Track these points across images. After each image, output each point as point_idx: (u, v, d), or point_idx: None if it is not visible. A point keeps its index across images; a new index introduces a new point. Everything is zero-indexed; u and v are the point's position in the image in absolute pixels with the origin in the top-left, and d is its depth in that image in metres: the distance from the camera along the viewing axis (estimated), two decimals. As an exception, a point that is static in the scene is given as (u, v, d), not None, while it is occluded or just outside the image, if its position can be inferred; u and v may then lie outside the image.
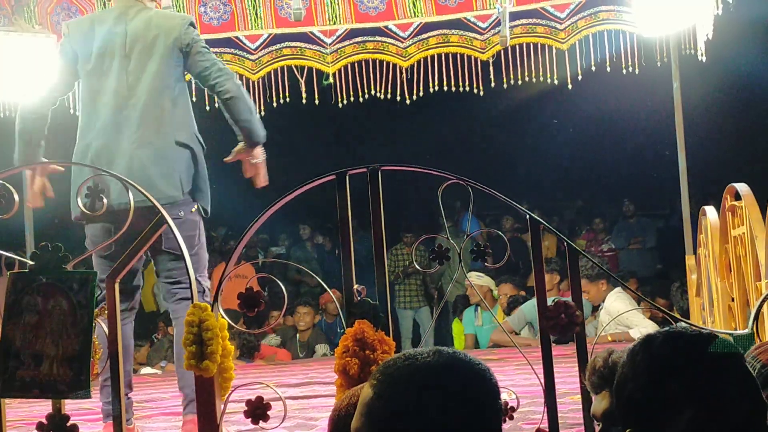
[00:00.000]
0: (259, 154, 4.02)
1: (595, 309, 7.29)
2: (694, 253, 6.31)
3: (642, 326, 6.74)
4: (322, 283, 3.29)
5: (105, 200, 3.03)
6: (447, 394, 1.53)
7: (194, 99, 6.57)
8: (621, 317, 6.61)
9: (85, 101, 4.00)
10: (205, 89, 4.08)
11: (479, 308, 8.10)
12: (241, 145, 4.01)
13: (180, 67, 4.00)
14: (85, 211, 3.04)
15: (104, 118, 3.92)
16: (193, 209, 3.97)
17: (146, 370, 7.59)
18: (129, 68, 3.94)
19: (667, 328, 1.90)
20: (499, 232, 3.23)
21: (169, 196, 3.80)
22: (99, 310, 2.89)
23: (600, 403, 2.63)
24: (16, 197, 2.91)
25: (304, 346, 8.33)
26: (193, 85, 6.59)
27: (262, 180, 4.08)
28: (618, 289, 7.07)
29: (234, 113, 3.92)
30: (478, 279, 8.03)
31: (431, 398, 1.52)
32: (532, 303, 7.52)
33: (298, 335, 8.39)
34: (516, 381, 4.93)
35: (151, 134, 3.89)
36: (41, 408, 4.35)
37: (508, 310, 7.90)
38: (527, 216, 2.97)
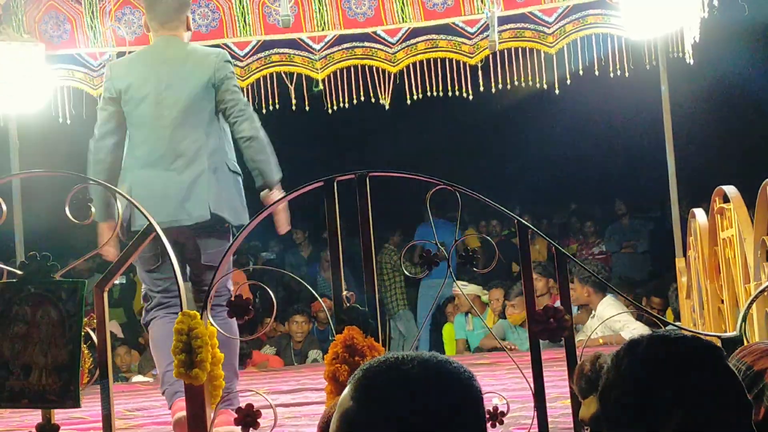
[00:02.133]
0: (276, 197, 4.11)
1: (578, 309, 7.30)
2: (684, 255, 6.33)
3: (632, 327, 6.76)
4: (312, 291, 3.29)
5: (93, 209, 3.03)
6: (428, 403, 1.50)
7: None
8: (612, 321, 6.63)
9: (131, 136, 4.26)
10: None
11: (470, 314, 8.12)
12: (264, 191, 4.25)
13: (213, 101, 4.25)
14: (75, 219, 3.04)
15: (145, 152, 4.20)
16: (226, 225, 4.23)
17: (138, 378, 7.57)
18: (166, 102, 4.20)
19: (650, 332, 1.90)
20: (488, 237, 3.23)
21: (198, 216, 4.12)
22: (88, 318, 2.89)
23: (588, 407, 2.63)
24: (4, 207, 2.91)
25: (298, 353, 8.32)
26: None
27: (283, 226, 4.28)
28: (609, 296, 7.09)
29: (248, 153, 4.23)
30: (463, 288, 8.03)
31: (411, 407, 1.49)
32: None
33: (292, 343, 8.38)
34: (507, 385, 4.93)
35: (186, 164, 4.16)
36: (33, 417, 4.34)
37: (503, 315, 7.91)
38: (515, 220, 2.97)
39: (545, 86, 6.52)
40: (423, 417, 1.48)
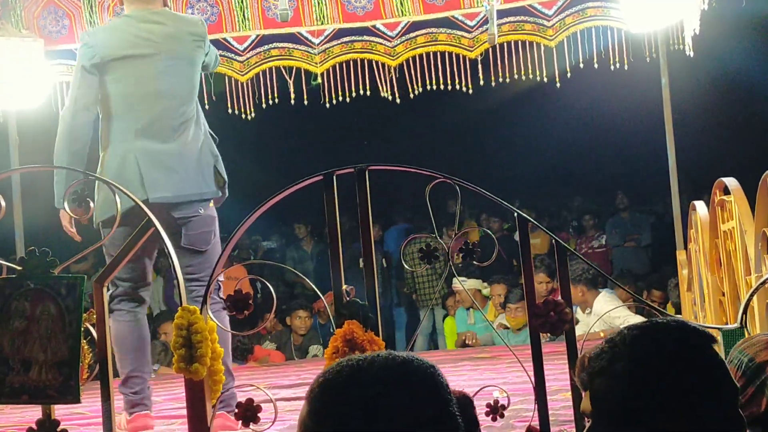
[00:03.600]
0: None
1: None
2: (685, 248, 6.33)
3: (631, 320, 6.76)
4: (313, 286, 3.28)
5: (92, 205, 3.03)
6: (388, 409, 1.43)
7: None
8: (610, 317, 6.63)
9: (116, 106, 4.06)
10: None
11: (471, 308, 8.13)
12: None
13: (199, 71, 4.20)
14: (71, 215, 3.03)
15: (143, 122, 4.03)
16: (210, 204, 4.12)
17: (139, 373, 7.55)
18: (160, 71, 4.06)
19: (632, 326, 1.88)
20: (488, 231, 3.22)
21: (210, 191, 4.05)
22: (87, 314, 2.89)
23: (589, 399, 2.62)
24: (3, 203, 2.91)
25: (299, 348, 8.32)
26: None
27: None
28: (604, 292, 7.09)
29: None
30: (462, 283, 8.03)
31: (370, 415, 1.42)
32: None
33: (292, 337, 8.38)
34: (508, 379, 4.93)
35: (190, 136, 4.07)
36: (33, 413, 4.33)
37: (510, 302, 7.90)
38: (515, 214, 2.97)
39: (545, 79, 6.50)
40: (387, 424, 1.42)
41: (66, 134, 4.07)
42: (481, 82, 6.58)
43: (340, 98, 6.61)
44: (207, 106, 6.63)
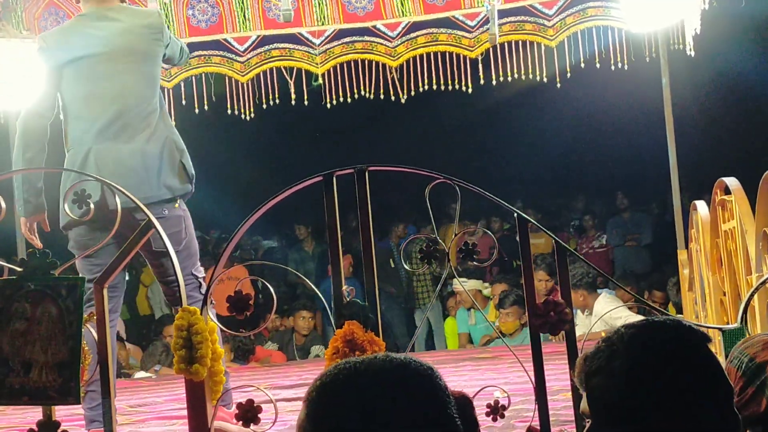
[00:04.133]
0: None
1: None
2: (686, 247, 6.32)
3: (632, 319, 6.75)
4: (313, 287, 3.28)
5: (92, 204, 3.02)
6: (385, 411, 1.42)
7: (183, 103, 6.59)
8: (608, 317, 6.63)
9: (76, 107, 4.01)
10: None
11: (472, 308, 8.13)
12: None
13: (159, 64, 4.11)
14: (72, 216, 3.03)
15: (101, 123, 3.95)
16: (176, 205, 4.02)
17: (140, 374, 7.57)
18: (118, 69, 3.98)
19: (627, 326, 1.88)
20: (488, 231, 3.22)
21: (179, 189, 3.96)
22: (88, 315, 2.89)
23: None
24: (4, 204, 2.90)
25: (300, 349, 8.32)
26: (182, 91, 6.60)
27: None
28: (605, 293, 7.09)
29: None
30: (463, 284, 8.02)
31: (367, 418, 1.42)
32: None
33: (294, 337, 8.37)
34: (510, 379, 4.93)
35: (151, 135, 3.97)
36: (34, 414, 4.34)
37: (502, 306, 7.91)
38: (515, 214, 2.97)
39: (546, 79, 6.50)
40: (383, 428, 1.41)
41: (20, 141, 4.04)
42: (482, 82, 6.58)
43: (341, 99, 6.61)
44: (207, 107, 6.64)
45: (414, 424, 1.43)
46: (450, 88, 6.55)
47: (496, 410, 2.87)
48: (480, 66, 6.54)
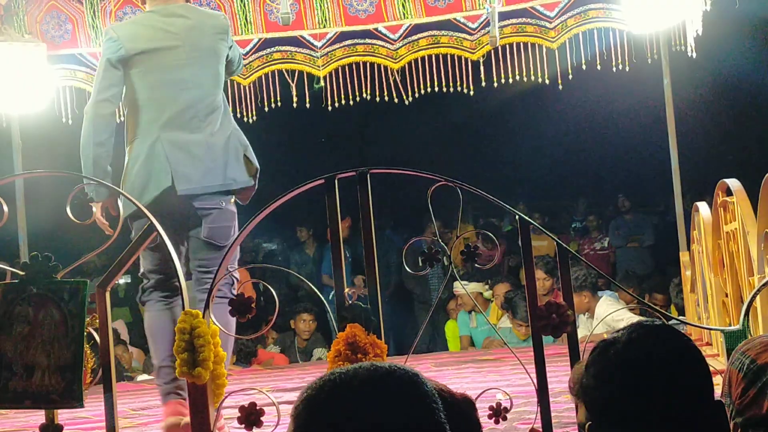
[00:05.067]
0: None
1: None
2: (688, 249, 6.32)
3: (633, 320, 6.75)
4: (315, 290, 3.29)
5: (94, 209, 3.03)
6: (372, 423, 1.41)
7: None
8: (610, 319, 6.63)
9: (143, 97, 4.10)
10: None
11: (473, 311, 8.12)
12: None
13: (223, 63, 4.23)
14: (75, 219, 3.04)
15: (169, 113, 4.06)
16: (232, 200, 4.13)
17: (143, 377, 7.58)
18: (186, 63, 4.11)
19: (620, 331, 1.90)
20: (490, 233, 3.23)
21: (243, 181, 4.08)
22: (90, 318, 2.89)
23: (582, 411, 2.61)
24: (6, 208, 2.91)
25: (303, 351, 8.31)
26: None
27: None
28: (605, 297, 7.09)
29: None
30: (462, 289, 8.02)
31: (354, 430, 1.41)
32: None
33: (296, 340, 8.37)
34: (512, 381, 4.93)
35: (217, 127, 4.10)
36: (37, 418, 4.34)
37: (506, 306, 7.90)
38: (517, 216, 2.97)
39: (547, 81, 6.50)
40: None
41: (89, 126, 4.08)
42: (484, 84, 6.58)
43: (343, 101, 6.62)
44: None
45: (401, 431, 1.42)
46: (451, 90, 6.55)
47: (498, 412, 2.87)
48: (482, 68, 6.54)
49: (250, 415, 2.73)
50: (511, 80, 6.53)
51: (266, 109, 6.67)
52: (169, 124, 4.05)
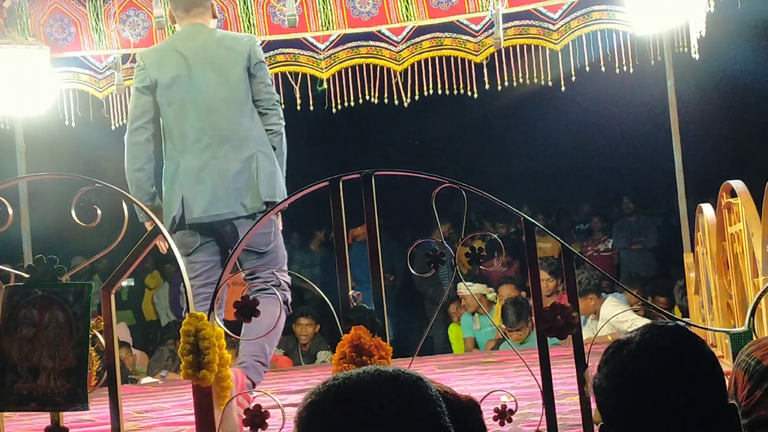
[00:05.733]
0: None
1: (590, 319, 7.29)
2: (692, 250, 6.31)
3: (639, 323, 6.75)
4: (320, 292, 3.28)
5: (99, 211, 3.04)
6: (376, 427, 1.41)
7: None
8: (615, 320, 6.63)
9: (168, 124, 4.30)
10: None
11: (477, 313, 8.12)
12: None
13: (249, 86, 4.34)
14: (81, 222, 3.04)
15: (189, 139, 4.25)
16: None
17: (147, 379, 7.58)
18: (207, 89, 4.26)
19: (631, 333, 1.89)
20: (495, 235, 3.22)
21: (252, 207, 4.20)
22: (95, 321, 2.89)
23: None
24: (10, 211, 2.92)
25: (306, 354, 8.31)
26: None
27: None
28: (610, 298, 7.08)
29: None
30: (465, 290, 8.01)
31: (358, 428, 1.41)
32: None
33: (299, 343, 8.37)
34: (516, 383, 4.92)
35: (234, 150, 4.23)
36: (42, 420, 4.34)
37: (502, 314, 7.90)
38: (521, 218, 2.97)
39: (551, 83, 6.50)
40: None
41: (128, 155, 4.33)
42: (487, 87, 6.57)
43: (346, 103, 6.62)
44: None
45: None
46: (455, 92, 6.55)
47: (503, 414, 2.86)
48: (485, 70, 6.54)
49: (255, 418, 2.73)
50: (514, 82, 6.53)
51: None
52: (187, 150, 4.24)
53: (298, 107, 6.60)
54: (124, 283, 9.75)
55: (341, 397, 1.44)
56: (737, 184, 4.52)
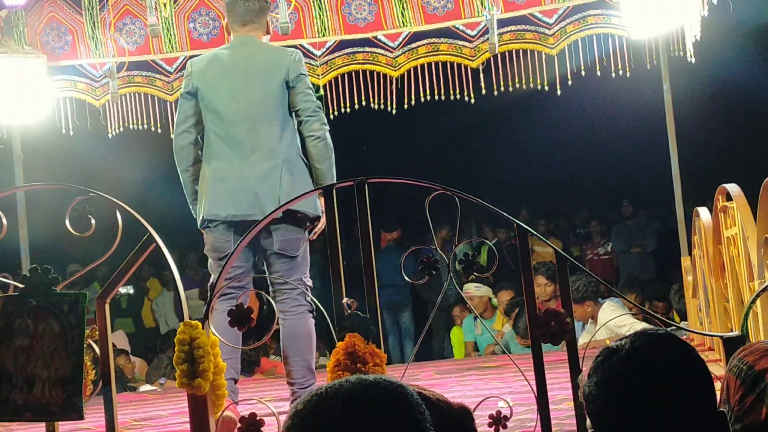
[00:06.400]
0: (321, 202, 4.26)
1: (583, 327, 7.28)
2: (689, 254, 6.32)
3: (637, 327, 6.76)
4: (314, 300, 3.29)
5: (93, 221, 3.04)
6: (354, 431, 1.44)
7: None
8: (613, 324, 6.62)
9: (207, 130, 4.51)
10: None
11: (480, 317, 8.11)
12: None
13: (287, 98, 4.49)
14: (75, 232, 3.05)
15: (221, 144, 4.45)
16: (298, 214, 4.39)
17: (145, 387, 7.58)
18: (243, 98, 4.45)
19: (622, 339, 1.89)
20: (487, 241, 3.22)
21: (268, 211, 4.20)
22: (90, 330, 2.90)
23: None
24: (4, 221, 2.92)
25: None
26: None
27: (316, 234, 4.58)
28: (608, 302, 7.08)
29: (314, 152, 4.45)
30: (476, 290, 8.01)
31: None
32: None
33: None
34: (513, 388, 4.92)
35: (262, 158, 4.40)
36: (38, 430, 4.34)
37: (509, 313, 7.90)
38: (515, 224, 2.97)
39: (547, 88, 6.50)
40: None
41: (175, 158, 4.58)
42: (483, 92, 6.57)
43: (342, 110, 6.62)
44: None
45: None
46: (451, 97, 6.55)
47: (498, 421, 2.86)
48: (481, 75, 6.54)
49: (251, 426, 2.73)
50: (510, 87, 6.53)
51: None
52: (218, 155, 4.44)
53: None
54: (123, 291, 9.76)
55: (322, 406, 1.46)
56: (732, 188, 4.52)
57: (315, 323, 4.52)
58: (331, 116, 6.64)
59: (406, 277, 3.02)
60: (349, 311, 2.85)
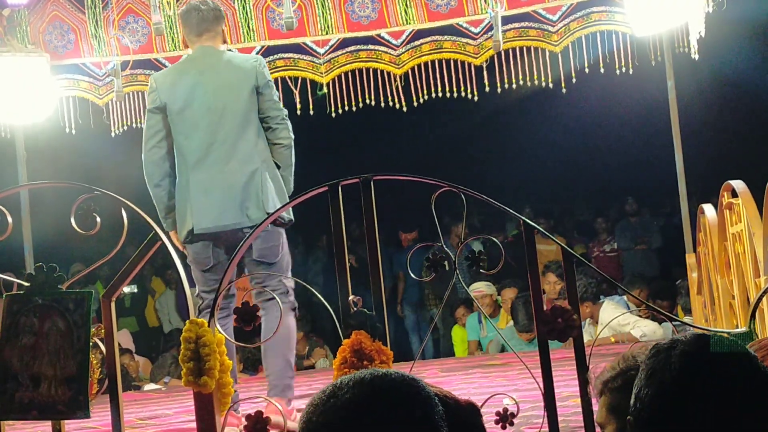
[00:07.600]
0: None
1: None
2: (695, 251, 6.30)
3: (642, 324, 6.75)
4: (320, 297, 3.28)
5: (98, 219, 3.04)
6: (369, 426, 1.46)
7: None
8: (616, 323, 6.61)
9: (179, 142, 4.51)
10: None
11: (485, 317, 8.09)
12: None
13: (257, 105, 4.54)
14: (80, 230, 3.04)
15: (197, 155, 4.45)
16: (278, 221, 4.41)
17: (150, 386, 7.58)
18: (215, 108, 4.47)
19: (677, 339, 1.80)
20: (494, 239, 3.21)
21: (256, 218, 4.33)
22: (96, 329, 2.89)
23: (605, 411, 2.55)
24: (10, 219, 2.92)
25: (306, 358, 8.29)
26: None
27: None
28: (608, 301, 7.06)
29: (279, 159, 4.54)
30: (487, 288, 7.99)
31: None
32: None
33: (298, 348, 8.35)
34: (519, 386, 4.92)
35: (240, 165, 4.42)
36: (44, 429, 4.35)
37: (512, 312, 7.88)
38: (521, 221, 2.96)
39: (551, 85, 6.49)
40: None
41: (145, 173, 4.58)
42: (487, 89, 6.56)
43: (346, 108, 6.61)
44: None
45: None
46: (455, 95, 6.54)
47: (505, 418, 2.86)
48: (485, 73, 6.52)
49: (257, 424, 2.73)
50: (514, 85, 6.51)
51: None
52: (195, 166, 4.44)
53: (298, 112, 6.58)
54: (126, 290, 9.76)
55: (333, 403, 1.48)
56: (738, 184, 4.51)
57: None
58: (334, 114, 6.64)
59: (412, 275, 3.01)
60: (355, 309, 2.85)
